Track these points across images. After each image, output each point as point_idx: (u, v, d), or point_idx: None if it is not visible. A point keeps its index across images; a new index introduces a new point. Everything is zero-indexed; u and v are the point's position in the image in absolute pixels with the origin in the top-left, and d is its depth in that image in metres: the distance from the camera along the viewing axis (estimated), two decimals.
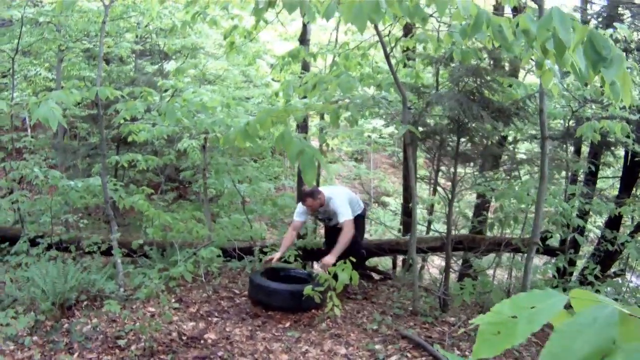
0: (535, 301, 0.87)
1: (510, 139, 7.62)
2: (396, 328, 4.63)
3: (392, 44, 5.21)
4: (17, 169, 6.23)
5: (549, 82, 2.95)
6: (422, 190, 12.71)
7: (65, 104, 4.33)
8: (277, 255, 5.54)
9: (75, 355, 3.92)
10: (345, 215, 5.43)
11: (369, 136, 13.74)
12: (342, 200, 5.56)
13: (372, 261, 7.42)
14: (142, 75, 10.17)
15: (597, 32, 2.27)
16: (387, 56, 4.21)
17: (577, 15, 7.99)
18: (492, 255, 6.58)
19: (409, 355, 4.08)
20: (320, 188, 5.80)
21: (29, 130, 11.81)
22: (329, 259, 5.11)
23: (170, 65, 10.98)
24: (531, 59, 3.14)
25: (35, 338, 4.14)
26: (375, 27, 4.09)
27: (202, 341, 4.21)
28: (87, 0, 7.65)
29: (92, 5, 7.76)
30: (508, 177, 6.64)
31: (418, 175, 9.94)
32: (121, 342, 4.07)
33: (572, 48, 2.26)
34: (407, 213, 7.01)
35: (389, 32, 5.06)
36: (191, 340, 4.22)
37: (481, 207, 8.07)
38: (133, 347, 3.99)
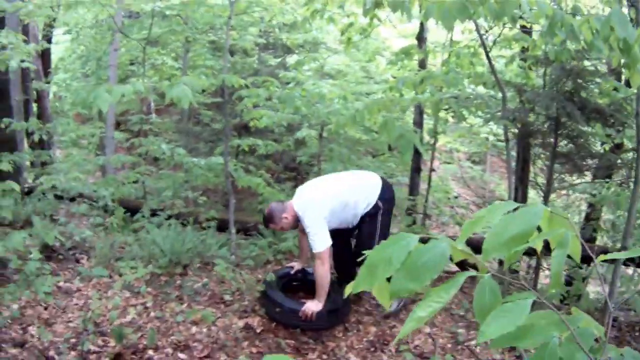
0: (394, 243, 1.19)
1: (629, 146, 7.36)
2: None
3: (493, 43, 5.35)
4: (145, 146, 6.87)
5: (637, 82, 3.04)
6: (539, 196, 12.42)
7: (195, 88, 4.82)
8: (296, 265, 4.84)
9: (184, 305, 4.47)
10: (316, 245, 4.14)
11: (487, 138, 13.58)
12: (314, 219, 4.19)
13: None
14: (264, 67, 10.76)
15: None
16: (487, 53, 4.39)
17: None
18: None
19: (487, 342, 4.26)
20: (297, 195, 4.50)
21: (154, 115, 12.79)
22: (314, 306, 4.17)
23: (292, 59, 11.54)
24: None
25: (149, 289, 4.70)
26: (476, 25, 4.29)
27: None
28: None
29: (217, 0, 8.37)
30: (622, 185, 6.44)
31: (532, 179, 9.83)
32: (227, 298, 4.59)
33: (635, 45, 2.41)
34: None
35: (489, 28, 5.18)
36: None
37: (590, 216, 7.88)
38: (236, 305, 4.49)
